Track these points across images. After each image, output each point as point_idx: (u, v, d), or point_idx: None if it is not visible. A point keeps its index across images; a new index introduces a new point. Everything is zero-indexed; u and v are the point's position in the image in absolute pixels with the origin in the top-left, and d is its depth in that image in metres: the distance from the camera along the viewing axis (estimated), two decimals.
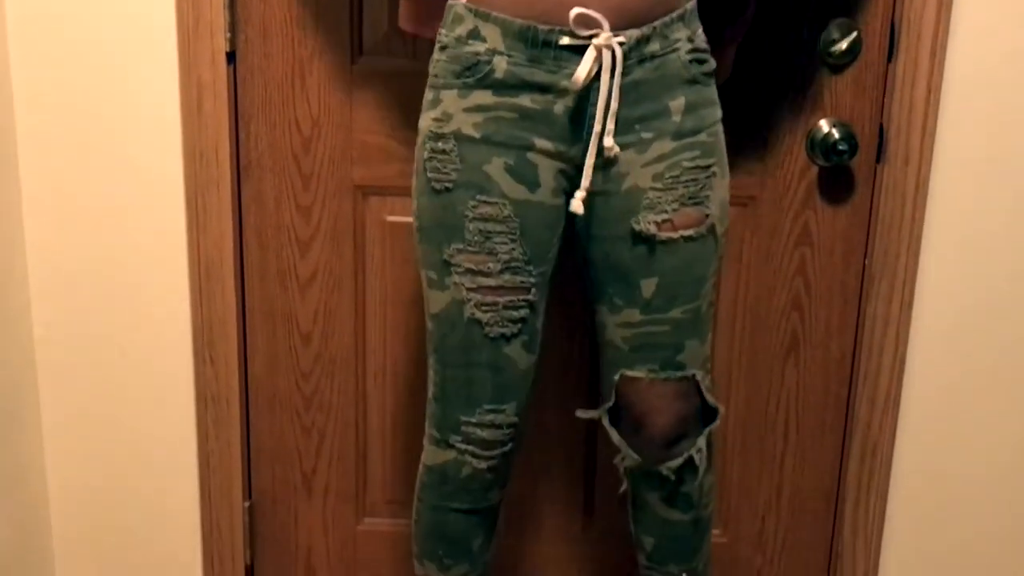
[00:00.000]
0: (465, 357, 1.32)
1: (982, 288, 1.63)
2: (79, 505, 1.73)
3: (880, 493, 1.70)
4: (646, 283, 1.29)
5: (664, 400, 1.34)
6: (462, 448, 1.35)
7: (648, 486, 1.41)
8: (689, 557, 1.46)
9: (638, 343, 1.32)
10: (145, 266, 1.63)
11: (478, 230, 1.26)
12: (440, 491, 1.39)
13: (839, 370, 1.68)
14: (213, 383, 1.66)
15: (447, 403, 1.35)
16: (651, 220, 1.26)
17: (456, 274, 1.28)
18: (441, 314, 1.31)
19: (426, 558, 1.44)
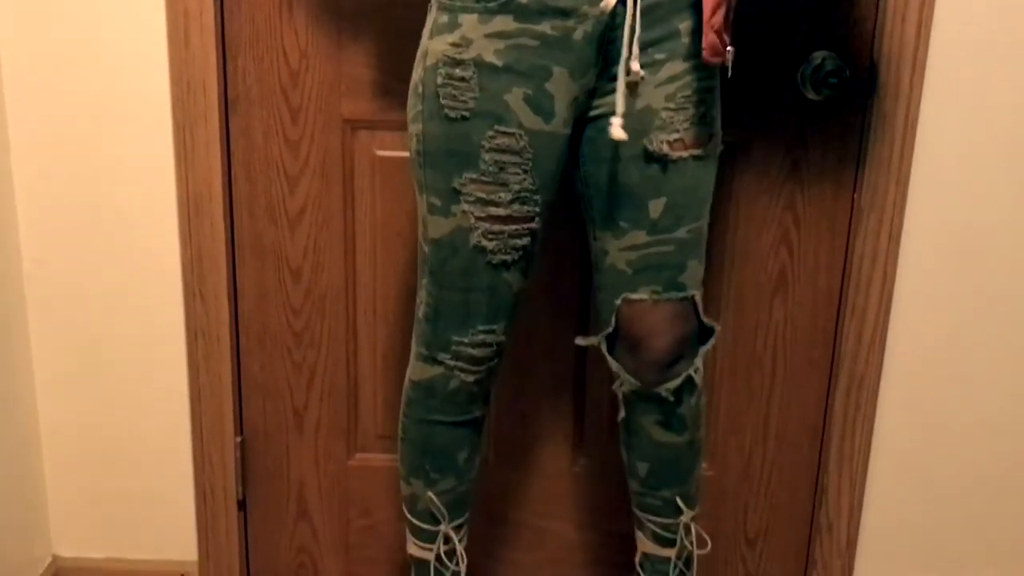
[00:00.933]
0: (464, 281, 1.34)
1: (971, 223, 1.64)
2: (70, 442, 1.74)
3: (866, 427, 1.72)
4: (654, 203, 1.31)
5: (665, 322, 1.37)
6: (451, 364, 1.38)
7: (644, 410, 1.43)
8: (683, 480, 1.49)
9: (642, 265, 1.34)
10: (133, 201, 1.62)
11: (493, 160, 1.27)
12: (426, 404, 1.42)
13: (827, 305, 1.69)
14: (203, 318, 1.66)
15: (439, 323, 1.37)
16: (663, 139, 1.28)
17: (465, 203, 1.29)
18: (443, 240, 1.32)
19: (412, 476, 1.47)
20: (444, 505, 1.46)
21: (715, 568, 1.81)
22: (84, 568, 1.79)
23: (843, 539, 1.78)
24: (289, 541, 1.81)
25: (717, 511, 1.79)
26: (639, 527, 1.55)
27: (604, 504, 1.78)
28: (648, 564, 1.56)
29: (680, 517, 1.50)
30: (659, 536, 1.52)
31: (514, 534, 1.81)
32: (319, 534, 1.80)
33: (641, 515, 1.53)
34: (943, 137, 1.59)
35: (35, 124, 1.59)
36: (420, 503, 1.47)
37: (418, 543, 1.50)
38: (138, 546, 1.79)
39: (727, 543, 1.81)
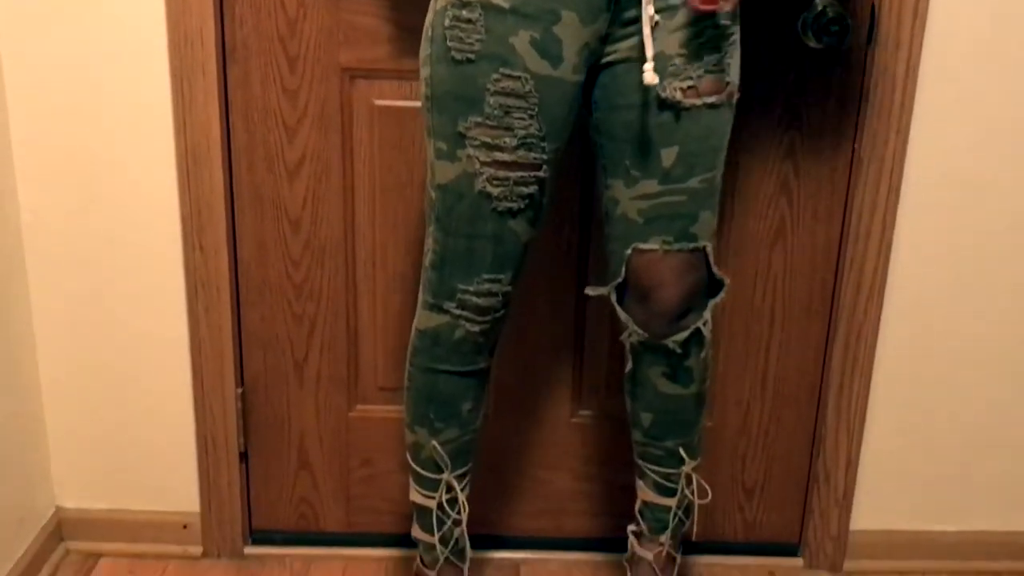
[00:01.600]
0: (470, 228, 1.33)
1: (971, 173, 1.64)
2: (72, 394, 1.75)
3: (864, 379, 1.73)
4: (666, 152, 1.31)
5: (675, 273, 1.37)
6: (456, 313, 1.38)
7: (651, 361, 1.44)
8: (687, 431, 1.50)
9: (654, 215, 1.34)
10: (132, 152, 1.62)
11: (498, 104, 1.26)
12: (431, 353, 1.42)
13: (826, 256, 1.69)
14: (203, 269, 1.66)
15: (445, 271, 1.37)
16: (676, 87, 1.28)
17: (471, 147, 1.28)
18: (449, 185, 1.32)
19: (416, 424, 1.48)
20: (447, 454, 1.47)
21: (713, 518, 1.83)
22: (87, 519, 1.80)
23: (840, 489, 1.79)
24: (290, 491, 1.82)
25: (715, 462, 1.80)
26: (640, 476, 1.56)
27: (603, 455, 1.79)
28: (648, 512, 1.57)
29: (682, 467, 1.51)
30: (660, 485, 1.53)
31: (513, 484, 1.82)
32: (320, 484, 1.81)
33: (643, 464, 1.54)
34: (944, 86, 1.59)
35: (31, 76, 1.58)
36: (424, 451, 1.48)
37: (421, 491, 1.51)
38: (140, 497, 1.80)
39: (725, 493, 1.82)
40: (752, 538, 1.85)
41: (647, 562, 1.59)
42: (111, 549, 1.80)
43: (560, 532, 1.84)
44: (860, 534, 1.82)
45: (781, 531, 1.85)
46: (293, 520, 1.84)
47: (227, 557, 1.81)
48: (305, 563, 1.80)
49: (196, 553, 1.81)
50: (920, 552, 1.83)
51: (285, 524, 1.84)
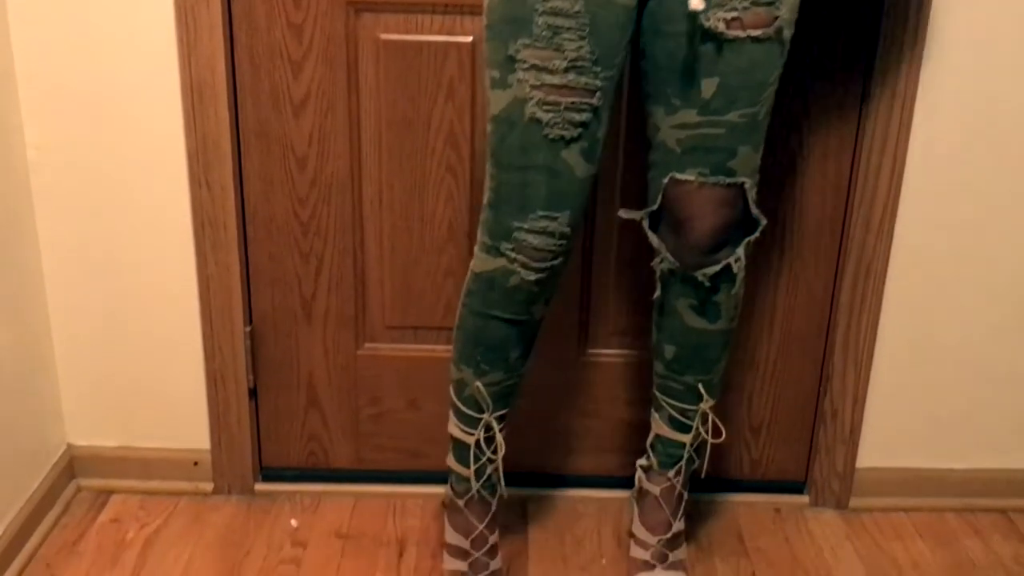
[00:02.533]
0: (522, 159, 1.32)
1: (983, 107, 1.62)
2: (81, 332, 1.76)
3: (872, 316, 1.73)
4: (707, 83, 1.29)
5: (710, 205, 1.36)
6: (512, 257, 1.36)
7: (680, 292, 1.44)
8: (709, 368, 1.50)
9: (691, 145, 1.33)
10: (137, 89, 1.61)
11: (547, 24, 1.25)
12: (485, 298, 1.41)
13: (835, 192, 1.68)
14: (210, 207, 1.66)
15: (500, 208, 1.35)
16: (720, 17, 1.26)
17: (520, 71, 1.27)
18: (501, 114, 1.31)
19: (463, 362, 1.48)
20: (490, 396, 1.47)
21: (720, 454, 1.83)
22: (98, 456, 1.82)
23: (847, 426, 1.80)
24: (300, 429, 1.83)
25: (722, 399, 1.78)
26: (656, 409, 1.57)
27: (609, 394, 1.80)
28: (660, 446, 1.58)
29: (700, 404, 1.51)
30: (675, 420, 1.54)
31: (519, 421, 1.82)
32: (329, 422, 1.83)
33: (660, 397, 1.55)
34: (957, 16, 1.56)
35: (36, 13, 1.56)
36: (467, 390, 1.48)
37: (460, 425, 1.52)
38: (151, 435, 1.82)
39: (732, 431, 1.82)
40: (758, 475, 1.86)
41: (653, 496, 1.60)
42: (122, 486, 1.83)
43: (566, 469, 1.85)
44: (866, 471, 1.83)
45: (787, 469, 1.86)
46: (303, 457, 1.85)
47: (237, 494, 1.83)
48: (315, 499, 1.82)
49: (207, 490, 1.83)
50: (927, 489, 1.84)
51: (295, 461, 1.85)
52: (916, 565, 1.71)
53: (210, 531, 1.74)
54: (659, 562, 1.60)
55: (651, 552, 1.60)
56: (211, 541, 1.72)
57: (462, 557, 1.57)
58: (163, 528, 1.75)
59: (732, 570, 1.68)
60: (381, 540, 1.73)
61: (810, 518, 1.82)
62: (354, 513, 1.79)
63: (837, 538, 1.77)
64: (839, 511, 1.84)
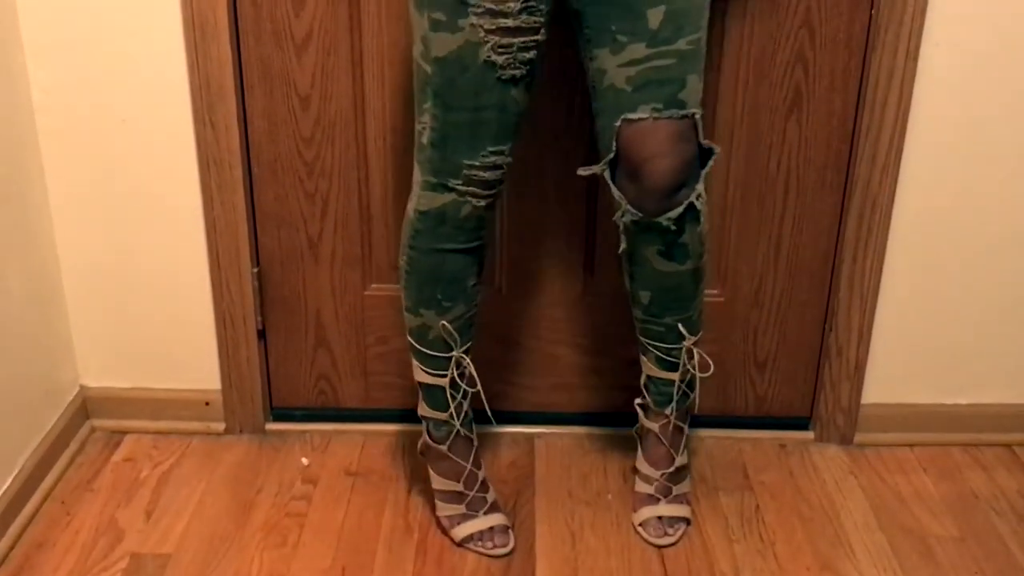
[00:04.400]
0: (474, 100, 1.31)
1: (991, 37, 1.60)
2: (91, 274, 1.77)
3: (877, 251, 1.73)
4: (653, 12, 1.28)
5: (667, 143, 1.33)
6: (462, 190, 1.37)
7: (646, 240, 1.42)
8: (686, 307, 1.50)
9: (643, 80, 1.31)
10: (139, 28, 1.60)
11: None
12: (436, 233, 1.42)
13: (841, 126, 1.67)
14: (215, 146, 1.66)
15: (448, 147, 1.35)
16: None
17: (473, 15, 1.25)
18: (449, 57, 1.29)
19: (422, 306, 1.48)
20: (456, 331, 1.49)
21: (725, 390, 1.85)
22: (111, 397, 1.85)
23: (852, 362, 1.80)
24: (309, 368, 1.85)
25: (727, 335, 1.81)
26: (643, 352, 1.58)
27: (614, 330, 1.80)
28: (652, 386, 1.59)
29: (683, 343, 1.51)
30: (662, 360, 1.55)
31: (525, 359, 1.84)
32: (337, 361, 1.85)
33: (644, 341, 1.55)
34: None
35: None
36: (432, 332, 1.49)
37: (429, 371, 1.53)
38: (163, 375, 1.84)
39: (737, 367, 1.84)
40: (763, 412, 1.87)
41: (654, 433, 1.62)
42: (135, 426, 1.86)
43: (573, 407, 1.87)
44: (871, 407, 1.84)
45: (792, 404, 1.87)
46: (313, 396, 1.87)
47: (248, 433, 1.86)
48: (324, 438, 1.85)
49: (218, 429, 1.86)
50: (932, 425, 1.85)
51: (304, 400, 1.88)
52: (920, 497, 1.72)
53: (222, 469, 1.77)
54: (663, 496, 1.62)
55: (655, 486, 1.63)
56: (223, 479, 1.75)
57: (457, 500, 1.59)
58: (176, 467, 1.78)
59: (736, 504, 1.70)
60: (390, 477, 1.75)
61: (815, 453, 1.83)
62: (363, 451, 1.82)
63: (841, 473, 1.78)
64: (844, 447, 1.85)
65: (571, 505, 1.69)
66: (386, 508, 1.68)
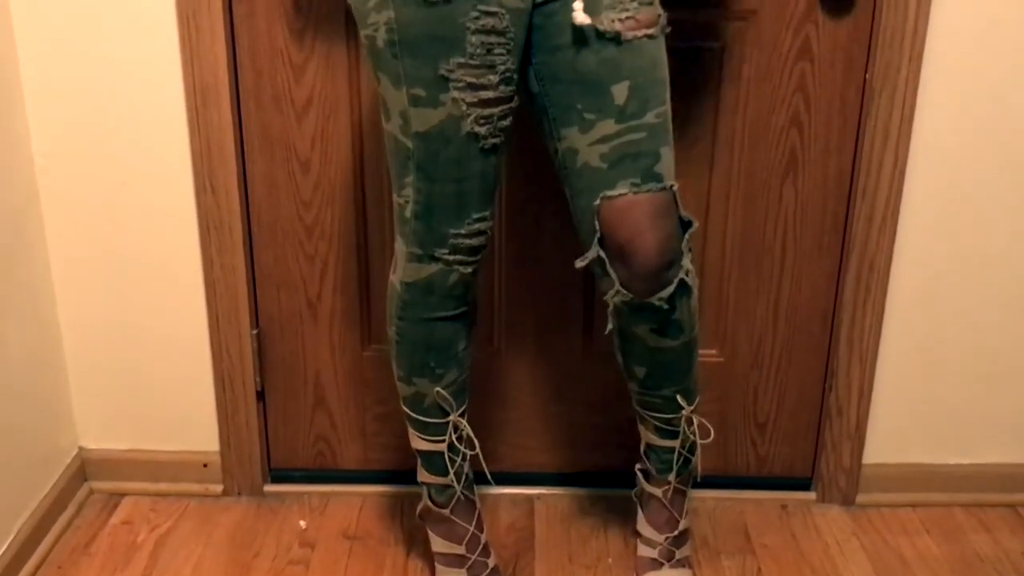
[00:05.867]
0: (458, 171, 1.31)
1: (984, 102, 1.61)
2: (92, 336, 1.78)
3: (876, 311, 1.73)
4: (617, 88, 1.27)
5: (649, 219, 1.31)
6: (449, 259, 1.37)
7: (639, 319, 1.39)
8: (682, 378, 1.49)
9: (617, 156, 1.29)
10: (141, 94, 1.62)
11: (480, 43, 1.23)
12: (425, 303, 1.41)
13: (837, 188, 1.68)
14: (215, 210, 1.67)
15: (434, 219, 1.35)
16: (614, 18, 1.25)
17: (455, 90, 1.25)
18: (432, 132, 1.28)
19: (415, 375, 1.47)
20: (451, 396, 1.48)
21: (725, 451, 1.84)
22: (109, 459, 1.84)
23: (853, 422, 1.79)
24: (308, 429, 1.85)
25: (727, 395, 1.81)
26: (641, 422, 1.56)
27: (612, 389, 1.78)
28: (653, 454, 1.57)
29: (681, 412, 1.50)
30: (662, 430, 1.53)
31: (524, 419, 1.84)
32: (336, 422, 1.84)
33: (642, 411, 1.54)
34: (958, 11, 1.56)
35: (41, 22, 1.58)
36: (427, 400, 1.48)
37: (427, 438, 1.51)
38: (161, 437, 1.84)
39: (737, 427, 1.83)
40: (765, 472, 1.86)
41: (657, 498, 1.60)
42: (133, 488, 1.85)
43: (574, 466, 1.86)
44: (873, 467, 1.83)
45: (794, 465, 1.86)
46: (311, 458, 1.87)
47: (247, 495, 1.85)
48: (323, 499, 1.83)
49: (216, 491, 1.85)
50: (935, 485, 1.84)
51: (303, 462, 1.87)
52: (923, 560, 1.70)
53: (220, 532, 1.76)
54: (666, 560, 1.60)
55: (658, 550, 1.61)
56: (221, 542, 1.73)
57: (458, 564, 1.57)
58: (174, 529, 1.76)
59: (738, 567, 1.68)
60: (388, 541, 1.74)
61: (817, 514, 1.82)
62: (361, 513, 1.80)
63: (844, 534, 1.77)
64: (846, 507, 1.83)
65: (572, 569, 1.67)
66: (384, 573, 1.66)
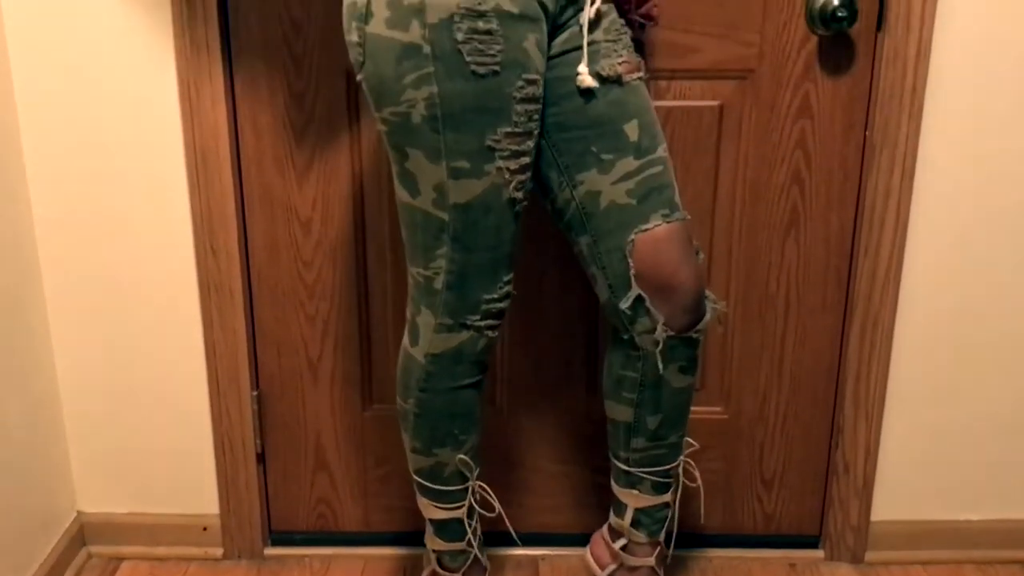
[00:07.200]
0: (496, 238, 1.31)
1: (984, 158, 1.61)
2: (90, 399, 1.76)
3: (881, 367, 1.71)
4: (629, 127, 1.30)
5: (682, 249, 1.33)
6: (480, 325, 1.35)
7: (670, 358, 1.37)
8: (686, 419, 1.47)
9: (644, 191, 1.31)
10: (142, 157, 1.63)
11: (524, 111, 1.25)
12: (453, 372, 1.39)
13: (839, 245, 1.68)
14: (216, 272, 1.67)
15: (468, 288, 1.33)
16: (612, 63, 1.30)
17: (501, 159, 1.25)
18: (474, 202, 1.27)
19: (436, 446, 1.44)
20: (471, 459, 1.46)
21: (732, 509, 1.82)
22: (108, 523, 1.82)
23: (860, 479, 1.77)
24: (308, 492, 1.83)
25: (733, 453, 1.79)
26: (632, 486, 1.49)
27: None
28: (646, 518, 1.51)
29: (680, 457, 1.48)
30: (658, 484, 1.49)
31: (528, 479, 1.82)
32: (337, 484, 1.82)
33: (639, 472, 1.48)
34: (956, 69, 1.56)
35: (41, 87, 1.59)
36: (447, 469, 1.45)
37: (444, 506, 1.48)
38: (160, 500, 1.82)
39: (743, 484, 1.81)
40: (772, 530, 1.84)
41: (649, 568, 1.54)
42: (132, 552, 1.82)
43: (577, 527, 1.83)
44: (882, 524, 1.80)
45: (801, 523, 1.84)
46: (312, 520, 1.84)
47: (247, 558, 1.82)
48: (324, 563, 1.81)
49: (216, 555, 1.82)
50: (944, 542, 1.81)
51: (304, 524, 1.84)
52: None
53: None
54: None
55: None
56: None
57: None
58: None
59: None
60: None
61: (826, 573, 1.79)
62: None
63: None
64: (855, 565, 1.81)
65: None
66: None
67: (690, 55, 1.58)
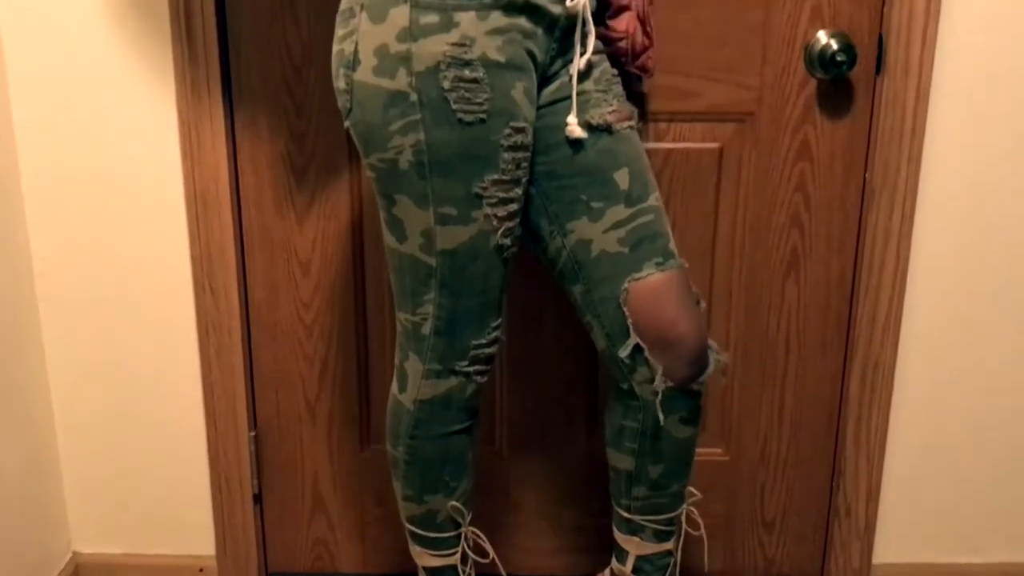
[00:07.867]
0: (483, 284, 1.30)
1: (985, 200, 1.61)
2: (87, 439, 1.75)
3: (882, 409, 1.70)
4: (619, 175, 1.30)
5: (679, 297, 1.31)
6: (469, 371, 1.35)
7: (671, 409, 1.36)
8: (690, 467, 1.46)
9: (635, 239, 1.30)
10: (141, 197, 1.63)
11: (512, 159, 1.24)
12: (443, 419, 1.38)
13: (840, 287, 1.67)
14: (214, 313, 1.66)
15: (457, 334, 1.33)
16: (603, 113, 1.30)
17: (488, 206, 1.25)
18: (461, 248, 1.27)
19: (427, 492, 1.43)
20: (463, 505, 1.45)
21: (733, 552, 1.81)
22: (104, 564, 1.80)
23: (862, 522, 1.76)
24: (306, 533, 1.81)
25: (733, 495, 1.78)
26: (633, 533, 1.48)
27: None
28: (648, 566, 1.49)
29: (682, 505, 1.46)
30: (660, 532, 1.47)
31: (527, 521, 1.80)
32: (335, 525, 1.81)
33: (640, 520, 1.46)
34: (956, 112, 1.57)
35: (41, 127, 1.60)
36: (440, 516, 1.44)
37: (437, 554, 1.47)
38: (156, 541, 1.80)
39: (744, 527, 1.80)
40: (773, 573, 1.82)
41: None
42: None
43: (577, 570, 1.82)
44: (884, 567, 1.79)
45: (802, 565, 1.82)
46: (309, 562, 1.83)
47: None
48: None
49: None
50: None
51: (301, 566, 1.83)
52: None
53: None
54: None
55: None
56: None
57: None
58: None
59: None
60: None
61: None
62: None
63: None
64: None
65: None
66: None
67: (690, 98, 1.58)
